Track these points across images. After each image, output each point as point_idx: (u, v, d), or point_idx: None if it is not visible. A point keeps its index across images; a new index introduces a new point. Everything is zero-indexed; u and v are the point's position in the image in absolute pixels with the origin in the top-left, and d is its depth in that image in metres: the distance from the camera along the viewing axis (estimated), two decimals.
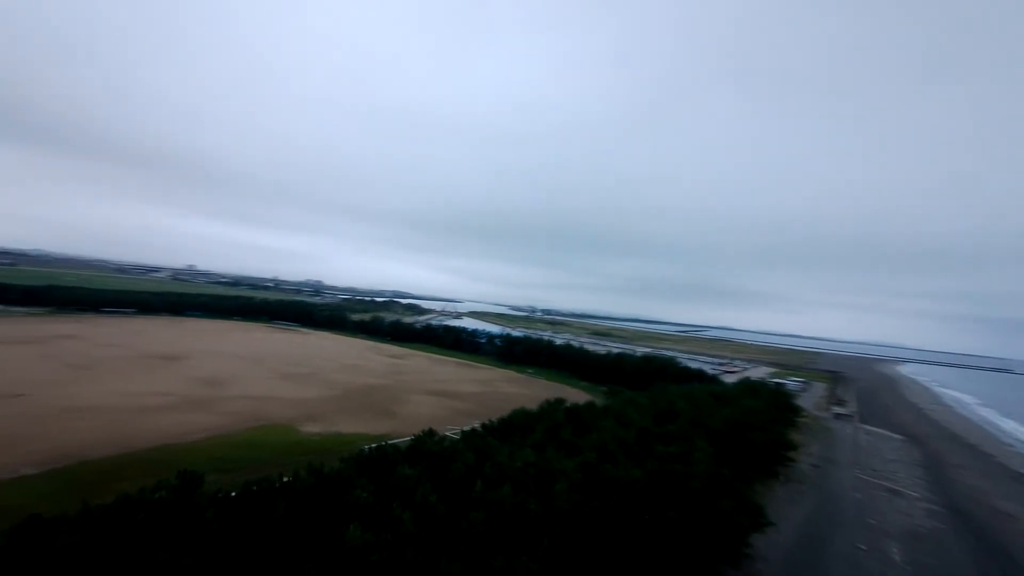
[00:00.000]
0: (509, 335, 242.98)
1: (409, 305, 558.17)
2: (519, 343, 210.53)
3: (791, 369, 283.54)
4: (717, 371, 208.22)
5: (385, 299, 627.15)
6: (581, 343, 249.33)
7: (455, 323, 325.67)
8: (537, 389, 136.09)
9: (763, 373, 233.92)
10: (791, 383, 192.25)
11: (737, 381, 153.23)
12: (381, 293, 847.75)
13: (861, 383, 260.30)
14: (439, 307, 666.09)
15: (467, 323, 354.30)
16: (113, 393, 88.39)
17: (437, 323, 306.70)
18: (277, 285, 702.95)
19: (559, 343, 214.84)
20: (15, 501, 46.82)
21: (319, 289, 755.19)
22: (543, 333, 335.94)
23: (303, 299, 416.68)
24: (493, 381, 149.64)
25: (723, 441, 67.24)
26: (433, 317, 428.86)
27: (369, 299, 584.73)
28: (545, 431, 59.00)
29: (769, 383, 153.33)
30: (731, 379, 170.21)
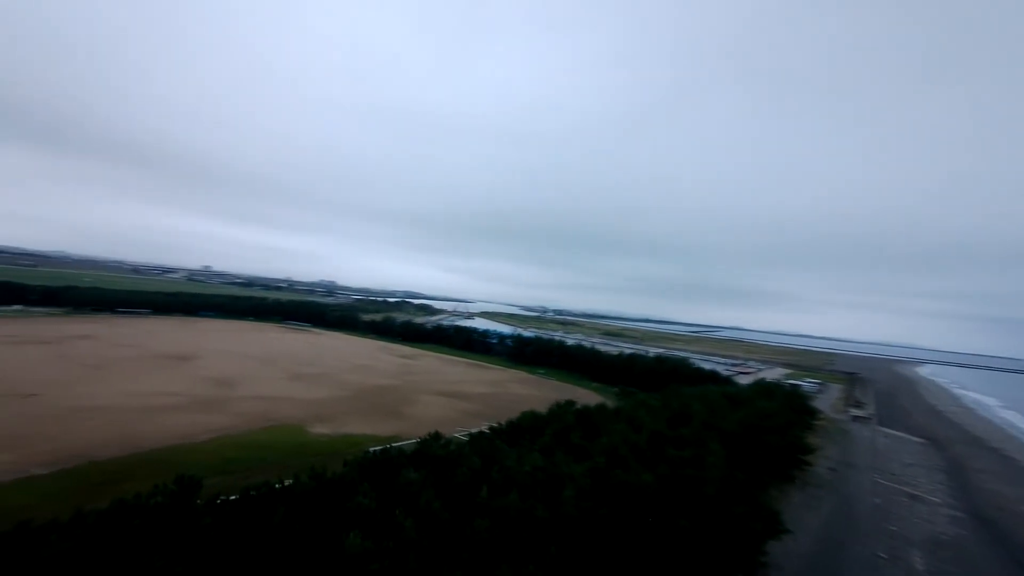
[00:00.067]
0: (520, 335, 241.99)
1: (421, 305, 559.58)
2: (530, 343, 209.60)
3: (806, 370, 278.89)
4: (731, 372, 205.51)
5: (397, 299, 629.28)
6: (593, 344, 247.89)
7: (467, 323, 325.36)
8: (548, 390, 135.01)
9: (778, 374, 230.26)
10: (806, 384, 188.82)
11: (751, 382, 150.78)
12: (393, 293, 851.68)
13: (878, 385, 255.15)
14: (451, 307, 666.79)
15: (479, 323, 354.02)
16: (124, 393, 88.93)
17: (448, 323, 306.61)
18: (291, 286, 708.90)
19: (570, 344, 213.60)
20: (23, 501, 46.87)
21: (332, 290, 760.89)
22: (554, 333, 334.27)
23: (315, 299, 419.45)
24: (503, 382, 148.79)
25: (737, 444, 65.64)
26: (445, 317, 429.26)
27: (381, 299, 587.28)
28: (554, 434, 57.87)
29: (784, 384, 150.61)
30: (745, 380, 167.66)
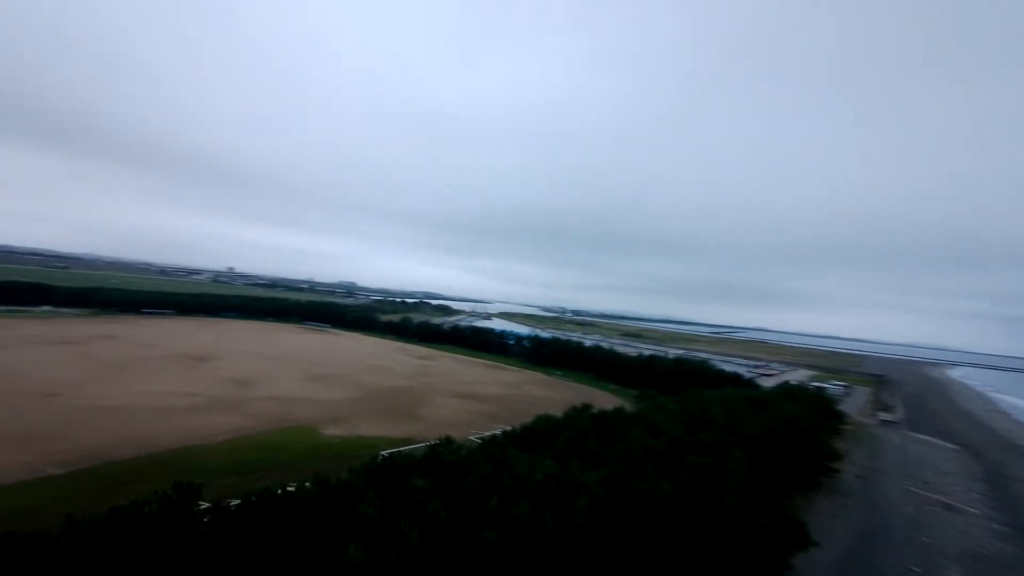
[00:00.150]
0: (538, 336, 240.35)
1: (439, 306, 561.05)
2: (547, 344, 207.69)
3: (832, 372, 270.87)
4: (753, 374, 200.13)
5: (415, 300, 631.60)
6: (611, 344, 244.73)
7: (484, 324, 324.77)
8: (564, 392, 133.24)
9: (802, 376, 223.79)
10: (832, 387, 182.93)
11: (775, 385, 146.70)
12: (412, 294, 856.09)
13: (907, 387, 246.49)
14: (469, 308, 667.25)
15: (496, 324, 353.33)
16: (143, 393, 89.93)
17: (465, 324, 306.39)
18: (312, 287, 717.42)
19: (588, 344, 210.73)
20: (38, 501, 47.14)
21: (352, 290, 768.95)
22: (572, 334, 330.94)
23: (335, 300, 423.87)
24: (520, 383, 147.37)
25: (760, 450, 63.01)
26: (463, 318, 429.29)
27: (400, 300, 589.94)
28: (569, 439, 56.16)
29: (809, 387, 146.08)
30: (768, 383, 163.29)
